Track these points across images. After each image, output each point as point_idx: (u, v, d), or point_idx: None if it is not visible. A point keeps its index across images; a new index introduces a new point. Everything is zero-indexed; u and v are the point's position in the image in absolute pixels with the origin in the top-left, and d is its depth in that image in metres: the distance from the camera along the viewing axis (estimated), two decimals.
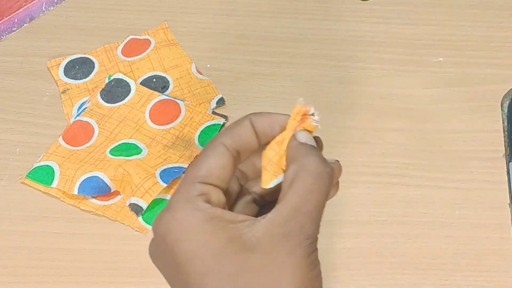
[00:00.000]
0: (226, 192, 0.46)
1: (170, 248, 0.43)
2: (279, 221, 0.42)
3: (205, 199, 0.44)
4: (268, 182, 0.47)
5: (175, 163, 0.70)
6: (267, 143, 0.47)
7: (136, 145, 0.72)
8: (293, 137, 0.46)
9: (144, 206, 0.67)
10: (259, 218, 0.43)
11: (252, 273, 0.42)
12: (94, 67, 0.78)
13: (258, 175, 0.49)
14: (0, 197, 0.69)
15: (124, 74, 0.77)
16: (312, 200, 0.43)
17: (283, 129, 0.47)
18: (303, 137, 0.46)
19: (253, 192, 0.49)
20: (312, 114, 0.48)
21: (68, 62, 0.78)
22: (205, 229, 0.42)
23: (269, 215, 0.43)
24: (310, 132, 0.48)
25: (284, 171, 0.46)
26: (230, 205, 0.47)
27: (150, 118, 0.74)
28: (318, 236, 0.44)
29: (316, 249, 0.44)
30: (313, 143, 0.46)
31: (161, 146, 0.72)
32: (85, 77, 0.78)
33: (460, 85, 0.76)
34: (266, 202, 0.49)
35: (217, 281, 0.42)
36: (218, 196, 0.45)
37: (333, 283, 0.64)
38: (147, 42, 0.80)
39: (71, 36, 0.81)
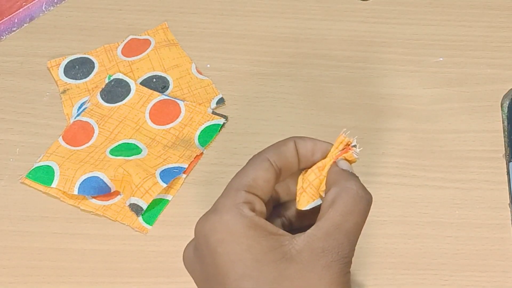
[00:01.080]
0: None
1: (212, 249, 0.44)
2: (319, 236, 0.44)
3: (250, 207, 0.46)
4: (306, 204, 0.49)
5: (175, 163, 0.70)
6: (305, 168, 0.50)
7: (136, 145, 0.72)
8: (335, 163, 0.49)
9: (144, 206, 0.67)
10: (298, 234, 0.45)
11: (290, 281, 0.43)
12: (94, 67, 0.78)
13: (290, 198, 0.51)
14: (0, 197, 0.69)
15: (124, 74, 0.77)
16: (352, 221, 0.45)
17: (324, 156, 0.50)
18: (345, 165, 0.49)
19: (283, 215, 0.51)
20: (354, 146, 0.50)
21: (68, 62, 0.78)
22: (249, 235, 0.44)
23: (309, 231, 0.45)
24: (349, 162, 0.50)
25: (321, 196, 0.49)
26: None
27: (150, 118, 0.74)
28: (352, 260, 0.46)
29: (350, 272, 0.46)
30: (353, 172, 0.49)
31: (161, 146, 0.72)
32: (85, 77, 0.78)
33: (460, 85, 0.76)
34: (292, 228, 0.51)
35: (256, 285, 0.43)
36: (261, 206, 0.47)
37: None
38: (147, 42, 0.80)
39: (71, 36, 0.81)
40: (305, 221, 0.50)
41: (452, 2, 0.83)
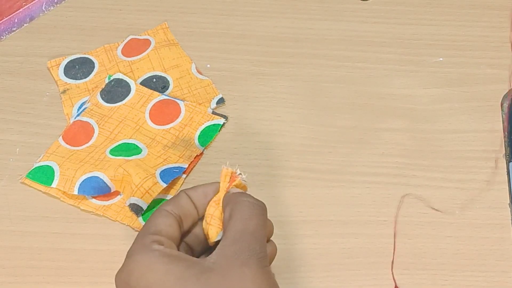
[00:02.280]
0: None
1: (139, 285, 0.48)
2: (228, 243, 0.49)
3: (159, 242, 0.49)
4: (215, 235, 0.53)
5: (175, 163, 0.70)
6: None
7: (136, 145, 0.72)
8: (227, 192, 0.54)
9: (144, 206, 0.67)
10: (212, 253, 0.50)
11: None
12: (94, 67, 0.78)
13: (202, 247, 0.55)
14: (0, 197, 0.69)
15: (124, 74, 0.77)
16: (252, 223, 0.50)
17: (216, 193, 0.55)
18: (235, 190, 0.54)
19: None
20: (240, 174, 0.55)
21: (68, 62, 0.78)
22: (164, 261, 0.48)
23: (219, 244, 0.49)
24: (242, 189, 0.55)
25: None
26: None
27: (150, 118, 0.74)
28: (266, 255, 0.50)
29: (269, 266, 0.50)
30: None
31: (161, 146, 0.72)
32: (85, 77, 0.78)
33: (460, 85, 0.76)
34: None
35: None
36: (170, 243, 0.50)
37: (333, 283, 0.64)
38: (147, 42, 0.80)
39: (71, 36, 0.81)
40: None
41: (452, 2, 0.83)
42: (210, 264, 0.47)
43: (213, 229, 0.53)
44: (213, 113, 0.75)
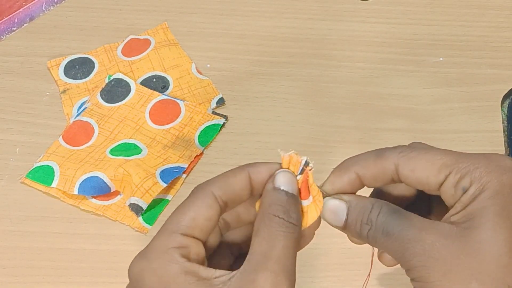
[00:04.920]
0: (205, 243, 0.45)
1: None
2: (250, 268, 0.42)
3: (183, 252, 0.43)
4: (313, 219, 0.46)
5: (175, 163, 0.70)
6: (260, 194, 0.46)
7: (136, 145, 0.72)
8: (272, 178, 0.45)
9: (144, 206, 0.67)
10: (234, 272, 0.42)
11: None
12: (94, 67, 0.78)
13: (241, 225, 0.48)
14: (0, 197, 0.69)
15: (124, 74, 0.77)
16: (278, 246, 0.42)
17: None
18: (280, 181, 0.45)
19: (231, 242, 0.48)
20: (307, 163, 0.46)
21: (68, 62, 0.78)
22: (178, 283, 0.42)
23: (242, 267, 0.42)
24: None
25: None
26: (209, 254, 0.46)
27: (150, 118, 0.74)
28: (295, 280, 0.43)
29: None
30: (293, 189, 0.45)
31: (161, 146, 0.72)
32: (85, 77, 0.78)
33: (460, 85, 0.76)
34: (242, 253, 0.48)
35: None
36: (197, 250, 0.44)
37: (333, 283, 0.64)
38: (147, 42, 0.80)
39: (71, 36, 0.81)
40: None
41: (452, 2, 0.83)
42: None
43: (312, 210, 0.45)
44: (213, 113, 0.75)
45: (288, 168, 0.45)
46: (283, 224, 0.43)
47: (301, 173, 0.45)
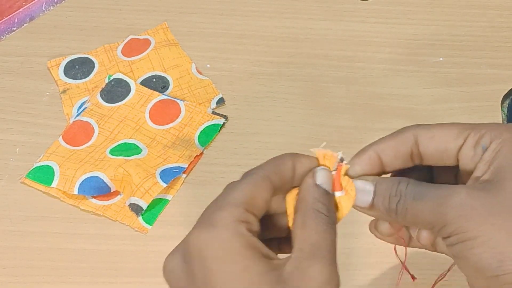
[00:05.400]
0: None
1: (207, 265, 0.43)
2: (305, 256, 0.43)
3: (248, 226, 0.44)
4: (349, 208, 0.47)
5: (175, 163, 0.70)
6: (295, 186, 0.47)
7: (136, 145, 0.72)
8: (312, 174, 0.46)
9: (144, 206, 0.67)
10: (286, 258, 0.44)
11: None
12: (94, 67, 0.78)
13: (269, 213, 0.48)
14: (0, 197, 0.69)
15: (124, 74, 0.77)
16: (329, 239, 0.44)
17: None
18: (321, 178, 0.46)
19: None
20: (342, 160, 0.47)
21: (68, 62, 0.78)
22: (246, 255, 0.43)
23: (295, 253, 0.44)
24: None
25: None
26: None
27: (150, 118, 0.74)
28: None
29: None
30: (330, 187, 0.46)
31: (161, 146, 0.72)
32: (85, 77, 0.78)
33: (460, 85, 0.76)
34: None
35: None
36: (257, 227, 0.45)
37: None
38: (147, 42, 0.80)
39: (71, 36, 0.81)
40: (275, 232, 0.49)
41: (452, 2, 0.83)
42: (286, 276, 0.43)
43: (346, 200, 0.47)
44: (213, 113, 0.75)
45: (324, 164, 0.47)
46: (328, 221, 0.45)
47: (336, 168, 0.47)
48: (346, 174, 0.47)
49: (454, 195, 0.43)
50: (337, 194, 0.47)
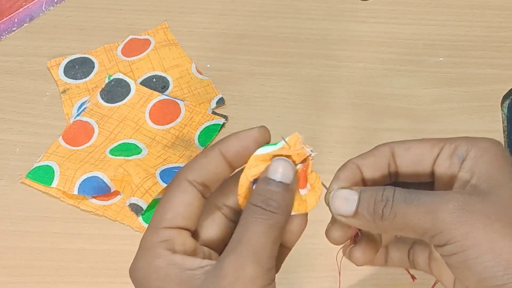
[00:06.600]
0: (194, 233, 0.45)
1: (135, 286, 0.44)
2: (221, 257, 0.42)
3: (167, 245, 0.44)
4: (313, 205, 0.45)
5: (175, 163, 0.70)
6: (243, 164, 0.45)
7: (136, 145, 0.72)
8: (267, 169, 0.44)
9: (144, 206, 0.67)
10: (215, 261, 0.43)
11: None
12: (94, 67, 0.78)
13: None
14: (0, 197, 0.69)
15: (124, 74, 0.77)
16: (249, 231, 0.42)
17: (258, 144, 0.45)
18: (272, 170, 0.43)
19: (222, 207, 0.47)
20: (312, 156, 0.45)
21: (68, 62, 0.78)
22: (159, 276, 0.43)
23: (224, 251, 0.42)
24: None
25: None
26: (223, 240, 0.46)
27: (150, 118, 0.74)
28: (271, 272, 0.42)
29: (268, 284, 0.42)
30: (287, 178, 0.43)
31: (161, 146, 0.72)
32: (85, 77, 0.78)
33: (460, 85, 0.76)
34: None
35: None
36: (182, 240, 0.44)
37: (333, 283, 0.64)
38: (147, 42, 0.80)
39: (71, 36, 0.81)
40: None
41: (452, 2, 0.83)
42: (199, 284, 0.42)
43: (311, 197, 0.45)
44: (213, 113, 0.75)
45: (288, 156, 0.44)
46: (258, 211, 0.42)
47: (302, 162, 0.44)
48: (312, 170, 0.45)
49: (449, 200, 0.41)
50: (302, 192, 0.45)
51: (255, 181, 0.44)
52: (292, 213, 0.45)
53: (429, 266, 0.50)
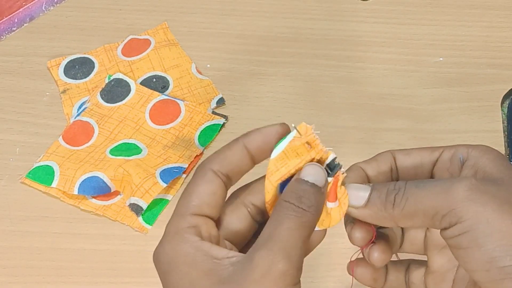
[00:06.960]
0: (218, 222, 0.45)
1: (162, 279, 0.44)
2: (251, 251, 0.42)
3: (195, 232, 0.44)
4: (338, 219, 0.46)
5: (175, 163, 0.70)
6: (263, 158, 0.46)
7: (136, 145, 0.72)
8: (300, 172, 0.44)
9: (144, 206, 0.67)
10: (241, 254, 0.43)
11: None
12: (94, 67, 0.78)
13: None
14: (0, 197, 0.69)
15: (124, 74, 0.77)
16: (281, 227, 0.42)
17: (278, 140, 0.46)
18: (305, 173, 0.45)
19: (249, 205, 0.47)
20: (339, 166, 0.46)
21: (68, 62, 0.78)
22: (187, 261, 0.43)
23: (252, 247, 0.42)
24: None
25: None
26: (247, 241, 0.46)
27: (150, 118, 0.74)
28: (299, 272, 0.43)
29: (297, 283, 0.43)
30: (318, 180, 0.44)
31: (161, 146, 0.72)
32: (85, 77, 0.78)
33: (460, 85, 0.76)
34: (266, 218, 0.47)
35: None
36: (208, 229, 0.44)
37: (333, 283, 0.64)
38: (147, 42, 0.80)
39: (71, 36, 0.81)
40: None
41: (452, 2, 0.83)
42: (226, 275, 0.42)
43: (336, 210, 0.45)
44: (213, 113, 0.75)
45: (305, 143, 0.46)
46: (290, 208, 0.42)
47: (333, 175, 0.45)
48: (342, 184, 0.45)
49: (462, 180, 0.42)
50: (330, 205, 0.45)
51: (281, 187, 0.44)
52: (316, 228, 0.44)
53: (424, 284, 0.50)
